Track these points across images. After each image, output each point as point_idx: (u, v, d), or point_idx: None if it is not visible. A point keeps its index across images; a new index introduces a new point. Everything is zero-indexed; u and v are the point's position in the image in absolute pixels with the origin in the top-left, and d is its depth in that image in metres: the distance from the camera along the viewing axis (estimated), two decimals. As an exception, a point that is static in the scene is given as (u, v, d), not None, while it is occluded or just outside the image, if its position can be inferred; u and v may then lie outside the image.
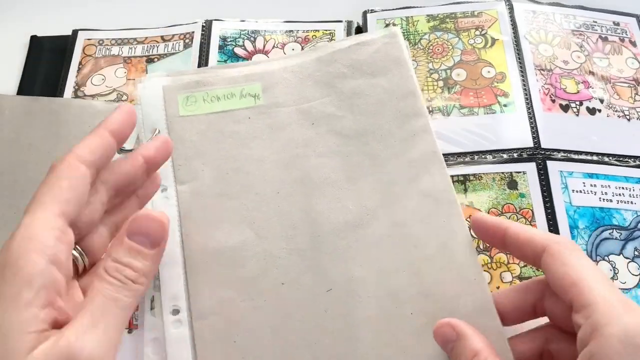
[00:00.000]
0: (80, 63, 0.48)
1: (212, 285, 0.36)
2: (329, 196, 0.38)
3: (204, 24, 0.49)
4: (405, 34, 0.47)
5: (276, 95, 0.42)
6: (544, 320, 0.31)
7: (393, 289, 0.35)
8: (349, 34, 0.48)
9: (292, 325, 0.34)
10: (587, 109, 0.43)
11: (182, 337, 0.34)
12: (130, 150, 0.41)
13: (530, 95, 0.43)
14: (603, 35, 0.47)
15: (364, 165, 0.39)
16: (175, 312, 0.35)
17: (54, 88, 0.47)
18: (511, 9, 0.48)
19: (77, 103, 0.45)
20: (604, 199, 0.39)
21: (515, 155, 0.41)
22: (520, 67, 0.45)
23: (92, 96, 0.46)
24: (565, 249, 0.28)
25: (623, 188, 0.40)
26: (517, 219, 0.38)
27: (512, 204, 0.39)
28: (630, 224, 0.38)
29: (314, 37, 0.48)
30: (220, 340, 0.34)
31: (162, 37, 0.49)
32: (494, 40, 0.46)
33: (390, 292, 0.34)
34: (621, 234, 0.38)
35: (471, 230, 0.35)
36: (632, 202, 0.39)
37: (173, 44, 0.48)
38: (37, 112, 0.44)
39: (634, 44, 0.47)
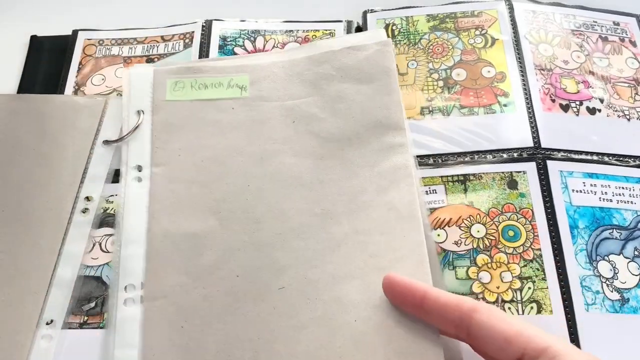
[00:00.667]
0: (80, 63, 0.48)
1: (168, 269, 0.36)
2: (297, 196, 0.38)
3: (204, 24, 0.49)
4: (405, 33, 0.47)
5: (262, 89, 0.43)
6: None
7: (342, 294, 0.35)
8: (349, 33, 0.48)
9: (239, 318, 0.34)
10: (587, 108, 0.43)
11: (132, 316, 0.35)
12: (115, 142, 0.42)
13: (530, 95, 0.43)
14: (603, 35, 0.47)
15: (336, 170, 0.39)
16: (129, 288, 0.36)
17: (54, 88, 0.47)
18: (511, 9, 0.48)
19: (59, 99, 0.45)
20: (604, 199, 0.39)
21: (515, 155, 0.41)
22: (520, 66, 0.45)
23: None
24: (494, 308, 0.29)
25: (623, 188, 0.40)
26: (517, 219, 0.38)
27: (512, 203, 0.39)
28: (630, 223, 0.38)
29: (314, 37, 0.48)
30: (168, 324, 0.34)
31: (162, 37, 0.49)
32: (494, 40, 0.46)
33: (338, 298, 0.34)
34: (621, 233, 0.38)
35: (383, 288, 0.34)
36: (632, 202, 0.39)
37: (173, 43, 0.49)
38: (21, 110, 0.44)
39: (634, 43, 0.47)
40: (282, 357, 0.33)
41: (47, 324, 0.36)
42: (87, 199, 0.40)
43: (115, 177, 0.42)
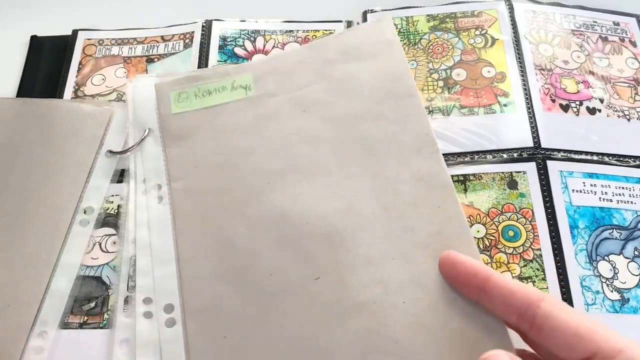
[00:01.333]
0: (80, 63, 0.48)
1: (202, 282, 0.35)
2: (319, 182, 0.37)
3: (204, 24, 0.49)
4: (405, 33, 0.47)
5: (267, 85, 0.42)
6: None
7: (382, 276, 0.33)
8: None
9: (280, 317, 0.33)
10: (587, 108, 0.43)
11: (176, 336, 0.34)
12: (119, 153, 0.41)
13: (530, 95, 0.43)
14: (603, 35, 0.47)
15: (355, 149, 0.38)
16: (170, 308, 0.35)
17: (54, 88, 0.47)
18: (511, 9, 0.48)
19: (65, 105, 0.45)
20: (604, 199, 0.39)
21: (515, 155, 0.41)
22: (520, 66, 0.45)
23: (92, 96, 0.46)
24: (562, 302, 0.27)
25: (623, 188, 0.40)
26: (517, 219, 0.38)
27: (512, 203, 0.39)
28: (630, 223, 0.38)
29: (314, 37, 0.48)
30: (212, 337, 0.33)
31: (162, 37, 0.49)
32: (494, 40, 0.46)
33: (380, 280, 0.33)
34: (621, 233, 0.38)
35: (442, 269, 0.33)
36: (632, 202, 0.39)
37: (173, 43, 0.48)
38: (26, 115, 0.44)
39: (634, 44, 0.47)
40: (331, 350, 0.32)
41: (39, 335, 0.35)
42: (87, 209, 0.40)
43: (119, 177, 0.41)
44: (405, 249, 0.34)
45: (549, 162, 0.40)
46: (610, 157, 0.41)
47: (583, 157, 0.41)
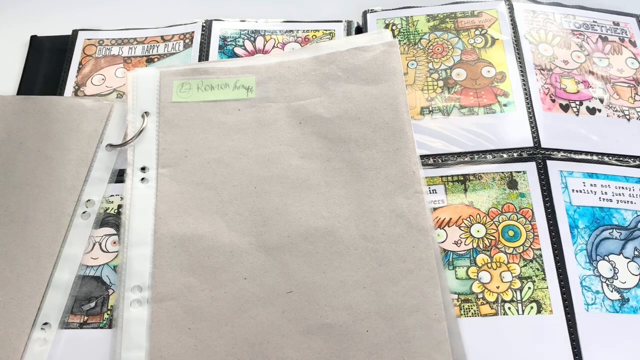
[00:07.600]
0: (80, 63, 0.48)
1: (175, 271, 0.36)
2: (305, 199, 0.38)
3: (204, 24, 0.49)
4: (405, 33, 0.47)
5: (268, 90, 0.43)
6: None
7: (352, 302, 0.35)
8: (349, 34, 0.48)
9: (248, 321, 0.35)
10: (587, 108, 0.43)
11: (139, 317, 0.35)
12: (119, 146, 0.42)
13: (530, 94, 0.43)
14: (603, 35, 0.47)
15: (343, 172, 0.39)
16: (135, 290, 0.36)
17: (54, 88, 0.47)
18: (511, 9, 0.48)
19: (65, 101, 0.45)
20: (603, 199, 0.39)
21: (515, 155, 0.41)
22: (520, 66, 0.45)
23: (92, 96, 0.46)
24: None
25: (623, 188, 0.40)
26: (517, 219, 0.38)
27: (512, 203, 0.39)
28: (630, 223, 0.38)
29: (314, 37, 0.48)
30: (176, 326, 0.35)
31: (162, 37, 0.49)
32: (494, 40, 0.46)
33: (349, 306, 0.35)
34: (621, 233, 0.38)
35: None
36: (632, 202, 0.39)
37: (173, 44, 0.49)
38: (27, 111, 0.44)
39: (633, 44, 0.47)
40: None
41: (42, 327, 0.36)
42: (88, 202, 0.40)
43: (119, 177, 0.42)
44: (376, 281, 0.35)
45: (549, 162, 0.40)
46: (610, 157, 0.41)
47: (583, 157, 0.41)
